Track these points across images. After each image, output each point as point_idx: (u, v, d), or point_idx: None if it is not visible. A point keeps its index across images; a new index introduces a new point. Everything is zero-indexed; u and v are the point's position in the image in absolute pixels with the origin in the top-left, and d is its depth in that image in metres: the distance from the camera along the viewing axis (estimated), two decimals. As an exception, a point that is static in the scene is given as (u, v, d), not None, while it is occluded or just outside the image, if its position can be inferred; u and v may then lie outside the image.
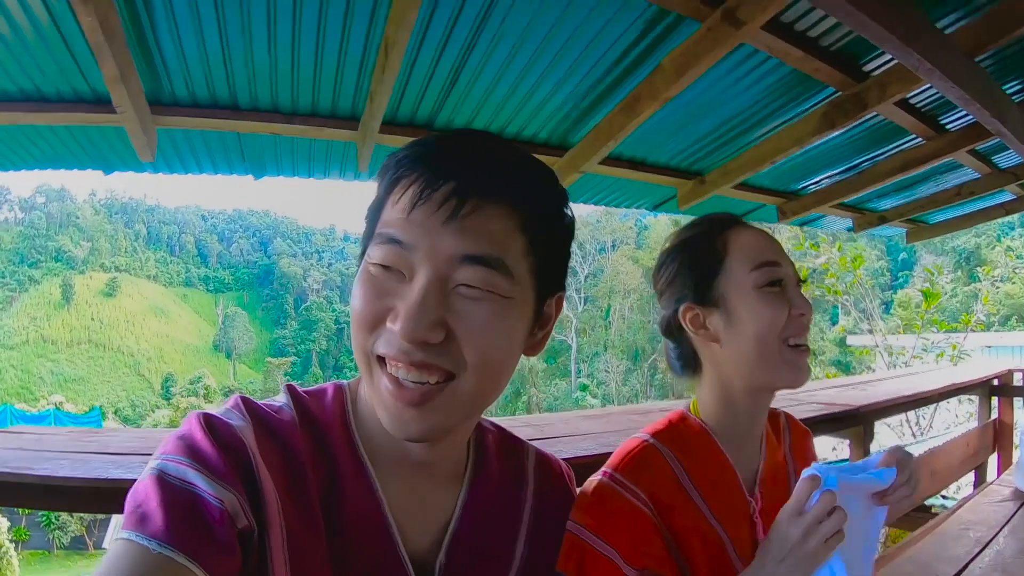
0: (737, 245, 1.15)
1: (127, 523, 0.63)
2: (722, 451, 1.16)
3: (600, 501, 1.05)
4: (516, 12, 2.22)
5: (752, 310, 1.11)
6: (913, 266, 54.95)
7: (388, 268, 0.71)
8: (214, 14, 2.16)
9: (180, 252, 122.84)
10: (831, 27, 2.40)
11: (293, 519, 0.72)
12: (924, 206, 4.87)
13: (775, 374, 1.11)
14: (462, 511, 0.85)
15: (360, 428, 0.82)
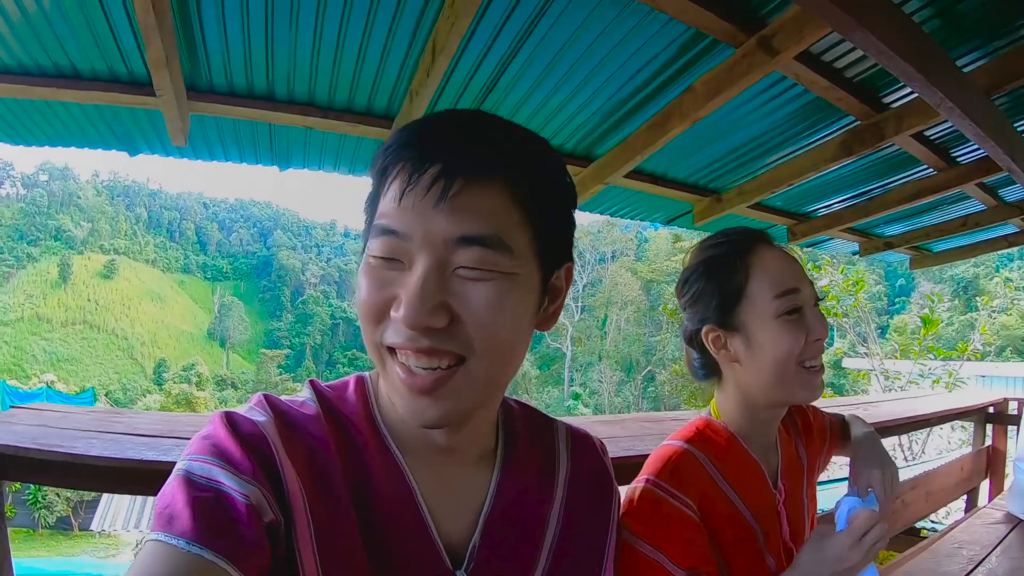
0: (760, 269, 1.19)
1: (156, 525, 0.65)
2: (748, 452, 1.24)
3: (646, 507, 1.12)
4: (560, 26, 2.27)
5: (772, 338, 1.16)
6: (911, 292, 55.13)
7: (388, 259, 0.71)
8: (263, 4, 2.18)
9: (180, 238, 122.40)
10: (857, 59, 2.46)
11: (320, 510, 0.72)
12: (930, 234, 4.93)
13: (790, 393, 1.18)
14: (495, 494, 0.85)
15: (385, 417, 0.82)
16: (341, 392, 0.84)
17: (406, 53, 2.46)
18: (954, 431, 9.23)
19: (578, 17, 2.22)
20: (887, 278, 63.40)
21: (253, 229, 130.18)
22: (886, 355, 11.44)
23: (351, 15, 2.24)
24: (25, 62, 2.46)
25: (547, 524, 0.89)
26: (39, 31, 2.28)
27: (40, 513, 23.19)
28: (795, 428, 1.41)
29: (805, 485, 1.34)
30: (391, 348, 0.72)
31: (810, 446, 1.41)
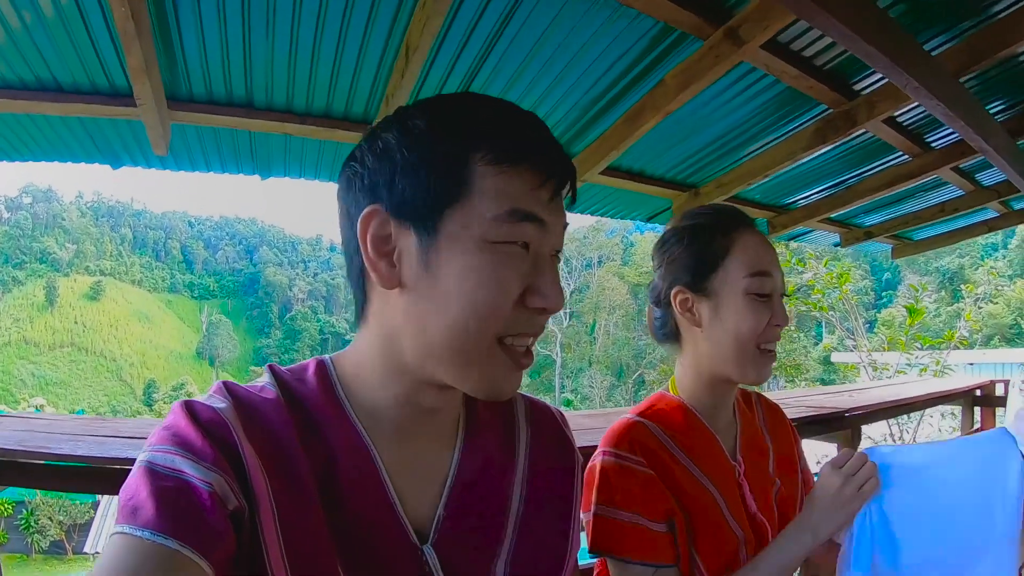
0: (740, 247, 1.23)
1: (120, 518, 0.64)
2: (702, 421, 1.28)
3: (611, 477, 1.17)
4: (531, 23, 2.31)
5: (738, 311, 1.21)
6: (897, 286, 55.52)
7: (525, 246, 0.73)
8: (240, 12, 2.21)
9: (166, 258, 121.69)
10: (825, 47, 2.52)
11: (283, 495, 0.72)
12: (909, 222, 5.01)
13: (741, 370, 1.22)
14: (457, 467, 0.86)
15: (352, 398, 0.82)
16: (300, 375, 0.84)
17: (381, 56, 2.49)
18: (944, 418, 9.30)
19: (548, 14, 2.26)
20: (873, 272, 63.92)
21: (239, 246, 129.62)
22: (874, 348, 11.53)
23: (326, 21, 2.27)
24: (7, 76, 2.47)
25: (511, 493, 0.91)
26: (20, 45, 2.29)
27: (33, 538, 22.96)
28: (759, 410, 1.44)
29: (772, 463, 1.36)
30: (501, 337, 0.74)
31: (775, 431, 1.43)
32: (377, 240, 0.74)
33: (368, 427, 0.80)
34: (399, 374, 0.79)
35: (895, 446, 1.16)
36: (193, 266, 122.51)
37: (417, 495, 0.82)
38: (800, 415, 2.93)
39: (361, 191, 0.76)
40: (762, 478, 1.31)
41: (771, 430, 1.42)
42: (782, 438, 1.43)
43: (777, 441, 1.41)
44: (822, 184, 4.22)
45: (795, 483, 1.39)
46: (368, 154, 0.76)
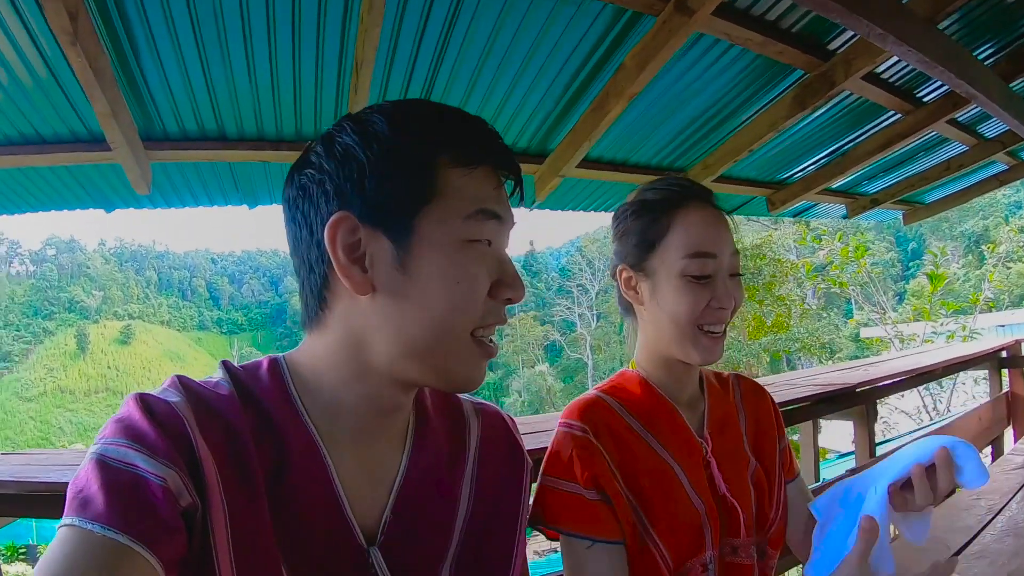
0: (681, 226, 1.18)
1: (69, 510, 0.63)
2: (662, 396, 1.24)
3: (555, 448, 1.16)
4: (477, 24, 2.31)
5: (674, 294, 1.17)
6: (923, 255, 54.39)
7: (489, 243, 0.78)
8: (195, 48, 2.25)
9: (192, 296, 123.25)
10: (787, 9, 2.47)
11: (234, 493, 0.71)
12: (915, 185, 4.88)
13: (683, 351, 1.19)
14: (407, 469, 0.86)
15: (306, 399, 0.81)
16: (254, 372, 0.83)
17: (338, 74, 2.50)
18: (977, 384, 9.04)
19: (492, 13, 2.26)
20: (898, 244, 62.60)
21: (263, 279, 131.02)
22: (900, 320, 11.31)
23: (277, 45, 2.29)
24: (-8, 135, 2.53)
25: (459, 495, 0.91)
26: (3, 105, 2.38)
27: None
28: (736, 389, 1.39)
29: (747, 441, 1.31)
30: (474, 331, 0.77)
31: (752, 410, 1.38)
32: (347, 247, 0.74)
33: (320, 427, 0.80)
34: (365, 375, 0.79)
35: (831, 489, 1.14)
36: (220, 302, 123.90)
37: (366, 497, 0.81)
38: (809, 394, 2.86)
39: (322, 197, 0.75)
40: (734, 456, 1.26)
41: (748, 409, 1.36)
42: (762, 418, 1.37)
43: (755, 420, 1.36)
44: (816, 154, 4.14)
45: (774, 463, 1.33)
46: (326, 159, 0.76)
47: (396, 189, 0.74)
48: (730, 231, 1.22)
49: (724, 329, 1.19)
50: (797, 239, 12.12)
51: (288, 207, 0.80)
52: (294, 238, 0.80)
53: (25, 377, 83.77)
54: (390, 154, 0.75)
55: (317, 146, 0.78)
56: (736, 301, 1.18)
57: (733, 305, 1.17)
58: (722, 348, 1.20)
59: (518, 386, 60.73)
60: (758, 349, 14.82)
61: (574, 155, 3.14)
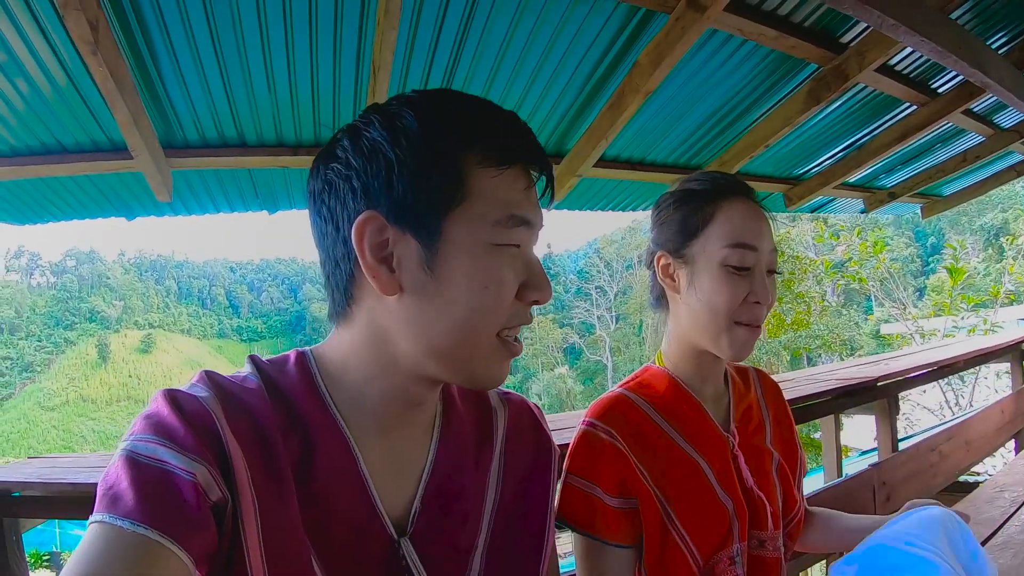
0: (724, 216, 1.18)
1: (99, 506, 0.63)
2: (688, 391, 1.24)
3: (581, 446, 1.17)
4: (493, 25, 2.32)
5: (712, 283, 1.16)
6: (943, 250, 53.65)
7: (518, 247, 0.77)
8: (214, 58, 2.29)
9: (212, 305, 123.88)
10: (799, 2, 2.47)
11: (263, 487, 0.71)
12: (933, 177, 4.84)
13: (716, 343, 1.17)
14: (434, 460, 0.86)
15: (333, 391, 0.81)
16: (281, 366, 0.83)
17: (356, 78, 2.52)
18: (999, 378, 8.93)
19: (507, 14, 2.27)
20: (917, 239, 61.74)
21: (282, 286, 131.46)
22: (921, 315, 11.18)
23: (295, 51, 2.32)
24: (16, 145, 2.59)
25: (487, 485, 0.91)
26: (22, 114, 2.41)
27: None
28: (756, 384, 1.39)
29: (769, 435, 1.32)
30: (500, 332, 0.76)
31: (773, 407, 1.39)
32: (375, 247, 0.73)
33: (348, 420, 0.80)
34: (391, 370, 0.79)
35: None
36: (239, 310, 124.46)
37: (395, 488, 0.82)
38: (829, 388, 2.84)
39: (349, 193, 0.74)
40: (759, 450, 1.27)
41: (770, 404, 1.38)
42: (781, 415, 1.39)
43: (775, 415, 1.37)
44: (832, 148, 4.12)
45: (795, 458, 1.35)
46: (353, 154, 0.74)
47: (425, 190, 0.72)
48: (770, 228, 1.21)
49: (759, 326, 1.18)
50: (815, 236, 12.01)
51: (314, 200, 0.79)
52: (320, 232, 0.79)
53: (47, 387, 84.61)
54: (419, 152, 0.72)
55: (344, 139, 0.76)
56: (772, 299, 1.17)
57: (769, 302, 1.16)
58: (753, 345, 1.18)
59: (538, 389, 60.55)
60: (778, 347, 14.70)
61: (591, 154, 3.14)
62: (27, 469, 2.11)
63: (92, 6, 1.81)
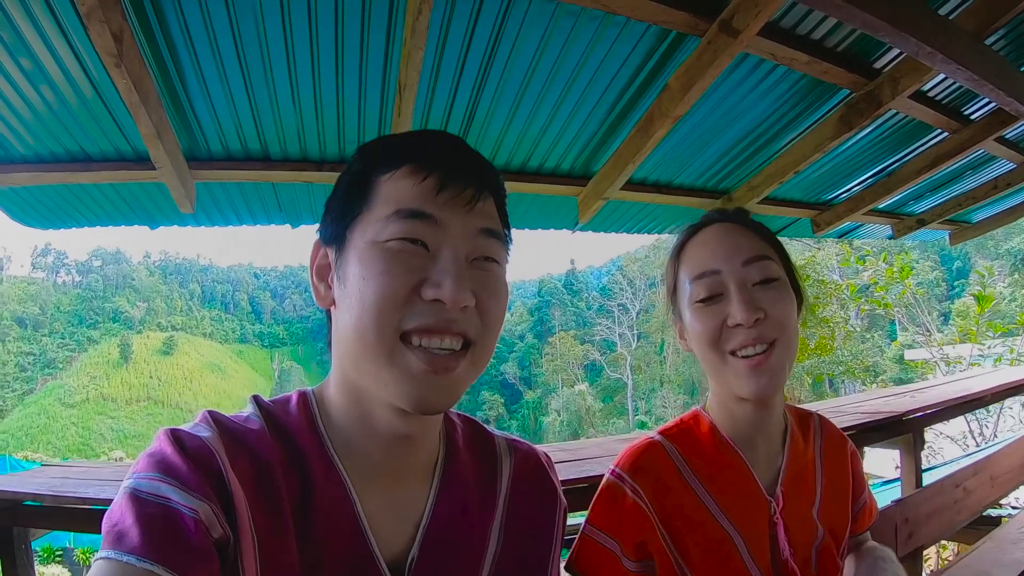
0: (687, 256, 1.15)
1: (105, 543, 0.64)
2: (735, 449, 1.14)
3: (604, 498, 1.11)
4: (521, 47, 2.30)
5: (690, 324, 1.12)
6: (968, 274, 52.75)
7: (412, 242, 0.75)
8: (239, 72, 2.29)
9: (234, 310, 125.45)
10: (832, 28, 2.41)
11: (263, 526, 0.72)
12: (962, 204, 4.73)
13: (727, 383, 1.10)
14: (434, 506, 0.86)
15: (331, 431, 0.82)
16: (284, 407, 0.85)
17: (382, 96, 2.51)
18: (1025, 409, 8.71)
19: (536, 34, 2.24)
20: (943, 262, 60.87)
21: (305, 294, 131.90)
22: (946, 341, 10.95)
23: (320, 68, 2.31)
24: (40, 151, 2.61)
25: (488, 535, 0.90)
26: (49, 123, 2.43)
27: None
28: (818, 438, 1.27)
29: (818, 506, 1.19)
30: (405, 335, 0.74)
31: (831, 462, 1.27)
32: (320, 269, 0.83)
33: (345, 461, 0.81)
34: (352, 393, 0.81)
35: None
36: (262, 316, 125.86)
37: (394, 533, 0.82)
38: (855, 423, 2.77)
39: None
40: (803, 520, 1.16)
41: (827, 466, 1.25)
42: (839, 477, 1.26)
43: (831, 480, 1.24)
44: (862, 174, 4.03)
45: (844, 530, 1.24)
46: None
47: (339, 208, 0.81)
48: (747, 239, 1.12)
49: (765, 352, 1.06)
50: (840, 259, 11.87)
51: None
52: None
53: (68, 384, 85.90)
54: (342, 178, 0.83)
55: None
56: (769, 313, 1.05)
57: (759, 319, 1.05)
58: (771, 376, 1.06)
59: (557, 405, 60.53)
60: (801, 372, 14.48)
61: (618, 177, 3.10)
62: (38, 479, 2.12)
63: (116, 18, 1.81)
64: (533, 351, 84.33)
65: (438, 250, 0.76)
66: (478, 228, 0.79)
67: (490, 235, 0.80)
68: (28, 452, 44.87)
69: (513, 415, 75.11)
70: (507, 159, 3.11)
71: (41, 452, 51.74)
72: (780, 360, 1.07)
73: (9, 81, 2.16)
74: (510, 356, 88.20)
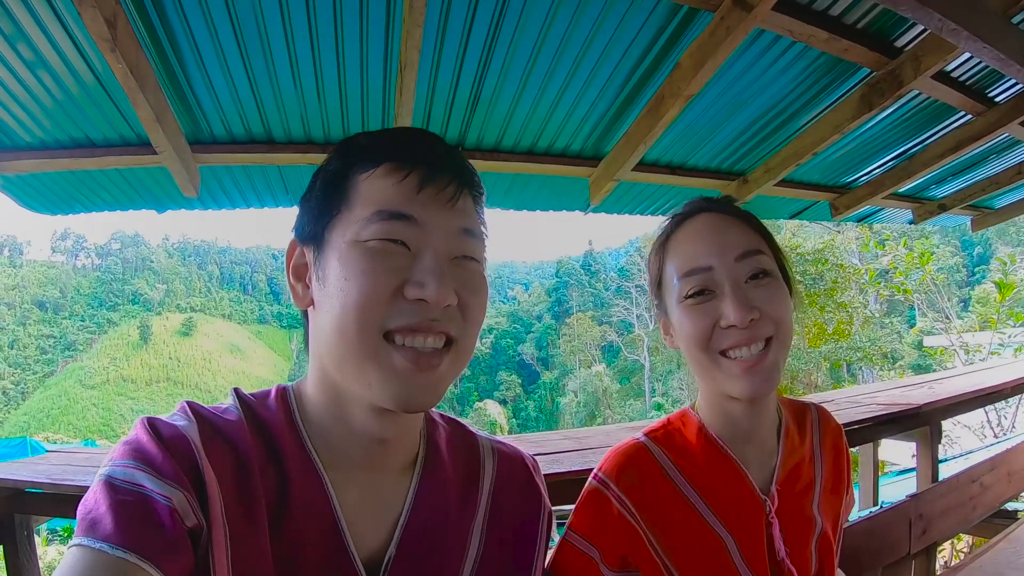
0: (674, 248, 1.08)
1: (79, 530, 0.65)
2: (723, 449, 1.10)
3: (587, 504, 1.07)
4: (526, 23, 2.24)
5: (678, 323, 1.06)
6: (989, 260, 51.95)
7: (394, 242, 0.75)
8: (238, 53, 2.25)
9: (253, 291, 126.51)
10: (852, 2, 2.31)
11: (236, 518, 0.72)
12: (985, 189, 4.59)
13: (718, 384, 1.05)
14: (412, 504, 0.86)
15: (309, 427, 0.82)
16: (263, 400, 0.84)
17: (384, 76, 2.45)
18: (1048, 401, 8.54)
19: (542, 9, 2.17)
20: (964, 248, 60.08)
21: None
22: (966, 328, 10.78)
23: (321, 49, 2.26)
24: (45, 139, 2.61)
25: (470, 535, 0.89)
26: (51, 111, 2.42)
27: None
28: (815, 431, 1.23)
29: (817, 499, 1.15)
30: (388, 335, 0.74)
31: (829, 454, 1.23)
32: (297, 268, 0.83)
33: (323, 456, 0.81)
34: (331, 392, 0.81)
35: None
36: (280, 297, 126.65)
37: (371, 530, 0.82)
38: (871, 415, 2.71)
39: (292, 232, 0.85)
40: (800, 517, 1.12)
41: (826, 459, 1.21)
42: (836, 470, 1.22)
43: (829, 472, 1.20)
44: (882, 157, 3.92)
45: (838, 521, 1.20)
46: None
47: (316, 207, 0.80)
48: (739, 231, 1.05)
49: (761, 352, 1.00)
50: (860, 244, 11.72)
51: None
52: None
53: (89, 365, 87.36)
54: (318, 177, 0.83)
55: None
56: (763, 311, 0.99)
57: (754, 318, 0.99)
58: (767, 376, 1.00)
59: (574, 386, 60.61)
60: (818, 357, 14.30)
61: (629, 158, 3.03)
62: (40, 467, 2.15)
63: (109, 2, 1.78)
64: (551, 332, 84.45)
65: (420, 250, 0.77)
66: (459, 228, 0.79)
67: (470, 234, 0.81)
68: (49, 433, 45.77)
69: (530, 396, 75.44)
70: (515, 140, 3.05)
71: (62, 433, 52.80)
72: (775, 359, 1.01)
73: (8, 69, 2.15)
74: (528, 337, 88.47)
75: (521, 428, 64.92)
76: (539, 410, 70.41)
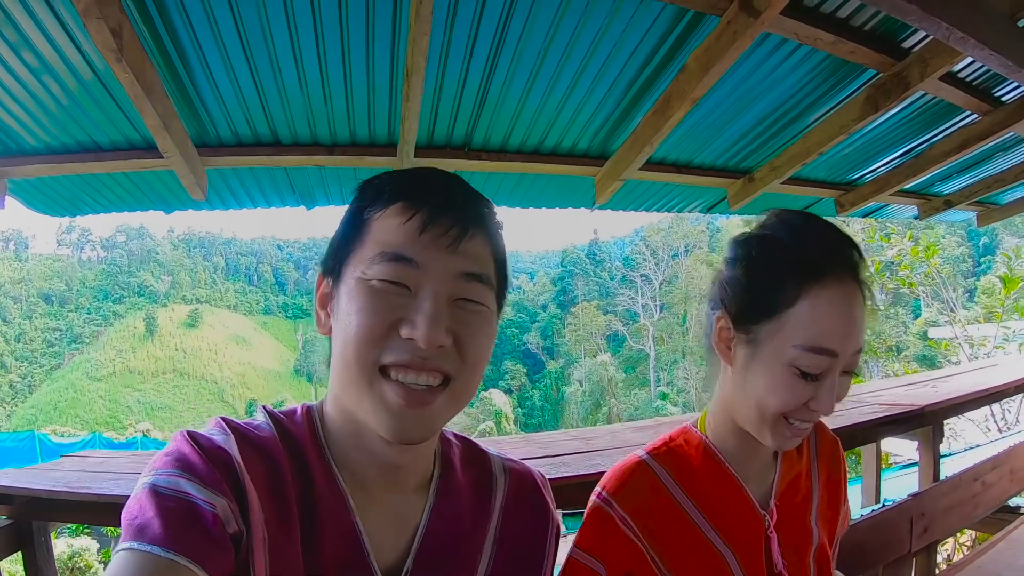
0: (809, 305, 0.97)
1: (125, 536, 0.67)
2: (725, 466, 1.11)
3: (592, 523, 1.09)
4: (532, 26, 2.24)
5: (770, 379, 0.99)
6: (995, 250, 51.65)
7: (395, 284, 0.78)
8: (244, 58, 2.27)
9: (258, 282, 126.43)
10: (859, 6, 2.30)
11: (274, 526, 0.76)
12: (991, 186, 4.59)
13: (759, 433, 1.04)
14: (428, 520, 0.89)
15: (331, 446, 0.86)
16: (291, 417, 0.88)
17: (391, 80, 2.47)
18: (1054, 396, 8.50)
19: (548, 12, 2.18)
20: (969, 238, 59.55)
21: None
22: (971, 320, 10.73)
23: (327, 54, 2.28)
24: (52, 144, 2.63)
25: (481, 550, 0.93)
26: (58, 116, 2.46)
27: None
28: (814, 444, 1.24)
29: (815, 512, 1.17)
30: (384, 369, 0.77)
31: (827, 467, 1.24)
32: (323, 297, 0.87)
33: (344, 473, 0.85)
34: (347, 416, 0.84)
35: None
36: (285, 287, 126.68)
37: (389, 545, 0.85)
38: (874, 415, 2.72)
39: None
40: (799, 530, 1.14)
41: (823, 472, 1.22)
42: (834, 483, 1.23)
43: (827, 485, 1.22)
44: (889, 154, 3.91)
45: (835, 533, 1.23)
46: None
47: (336, 240, 0.85)
48: (863, 315, 1.00)
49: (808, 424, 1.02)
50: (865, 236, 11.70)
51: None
52: None
53: (95, 358, 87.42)
54: (345, 215, 0.87)
55: None
56: (840, 399, 0.99)
57: (831, 410, 0.99)
58: (799, 439, 1.04)
59: (579, 375, 60.66)
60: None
61: (635, 158, 3.04)
62: (56, 474, 2.20)
63: (114, 13, 1.80)
64: (556, 321, 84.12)
65: (418, 291, 0.79)
66: (460, 271, 0.80)
67: (473, 279, 0.82)
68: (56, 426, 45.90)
69: (535, 385, 75.33)
70: (521, 139, 3.07)
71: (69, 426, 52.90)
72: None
73: (13, 75, 2.17)
74: (533, 326, 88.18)
75: (526, 417, 64.91)
76: (544, 399, 70.35)
